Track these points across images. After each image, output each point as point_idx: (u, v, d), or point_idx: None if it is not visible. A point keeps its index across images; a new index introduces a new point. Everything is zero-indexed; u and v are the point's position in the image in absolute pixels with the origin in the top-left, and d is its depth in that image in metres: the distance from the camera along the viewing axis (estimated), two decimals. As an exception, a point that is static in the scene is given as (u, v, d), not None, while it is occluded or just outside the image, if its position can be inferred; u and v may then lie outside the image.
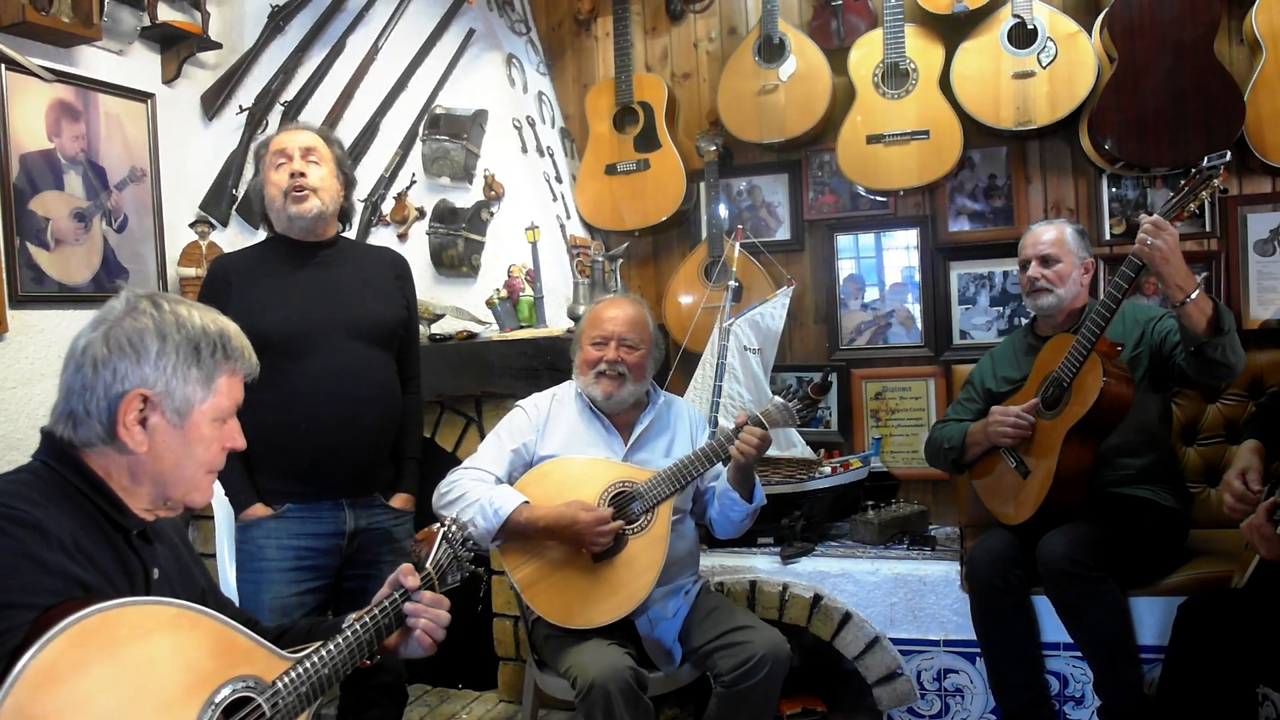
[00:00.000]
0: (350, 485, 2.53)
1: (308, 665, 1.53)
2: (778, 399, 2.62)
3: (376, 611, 1.69)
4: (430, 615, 1.74)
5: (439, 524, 1.91)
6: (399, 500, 2.66)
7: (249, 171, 3.91)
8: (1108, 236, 3.53)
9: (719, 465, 2.66)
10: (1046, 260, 2.89)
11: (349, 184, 2.67)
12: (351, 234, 3.78)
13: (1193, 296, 2.44)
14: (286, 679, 1.49)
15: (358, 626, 1.64)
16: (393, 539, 2.61)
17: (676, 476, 2.56)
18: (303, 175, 2.51)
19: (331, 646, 1.58)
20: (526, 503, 2.51)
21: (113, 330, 1.48)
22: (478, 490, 2.56)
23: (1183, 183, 2.51)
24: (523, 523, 2.49)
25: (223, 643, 1.42)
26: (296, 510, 2.49)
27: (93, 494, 1.45)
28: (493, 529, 2.48)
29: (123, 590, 1.42)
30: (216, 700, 1.37)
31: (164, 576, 1.55)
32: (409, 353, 2.72)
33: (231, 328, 1.59)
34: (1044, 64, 3.36)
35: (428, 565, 1.83)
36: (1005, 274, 3.66)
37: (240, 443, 1.62)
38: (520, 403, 2.81)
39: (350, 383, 2.50)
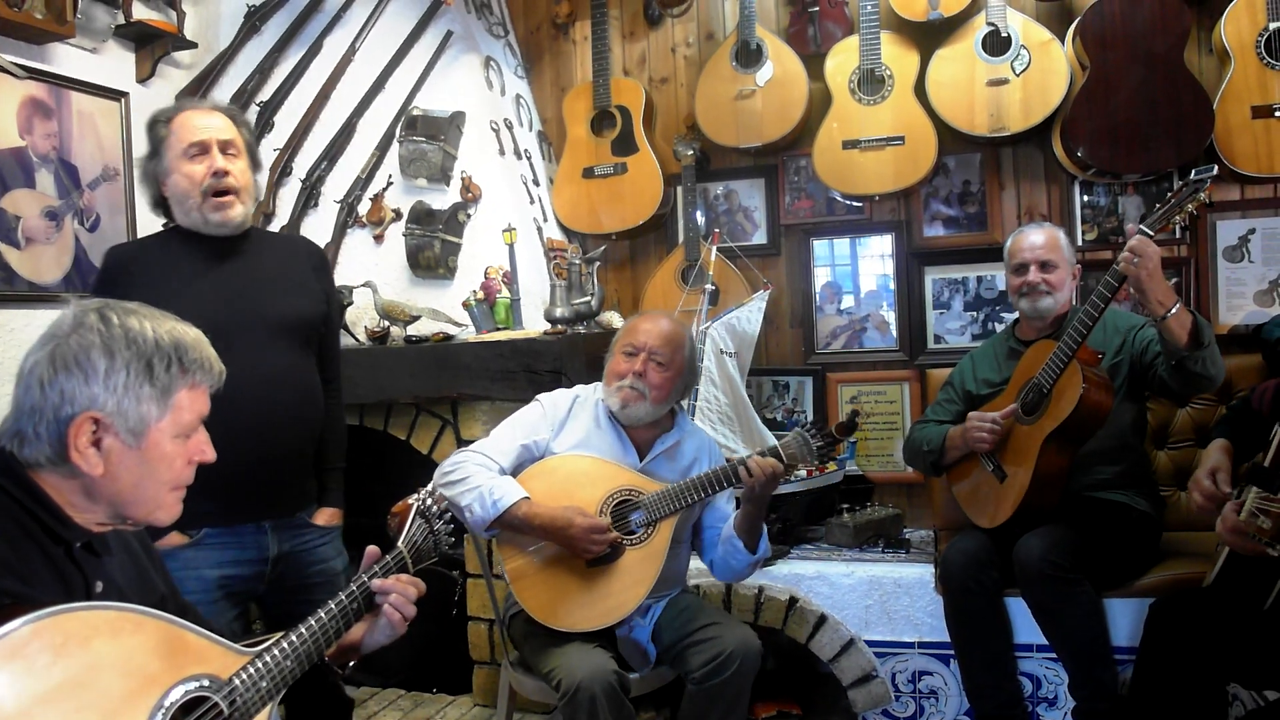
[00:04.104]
0: (271, 502, 2.31)
1: (268, 659, 1.47)
2: (799, 430, 2.55)
3: (343, 596, 1.62)
4: (400, 589, 1.68)
5: (413, 496, 1.83)
6: (324, 515, 2.43)
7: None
8: (1080, 243, 3.57)
9: (727, 508, 2.65)
10: (1045, 265, 2.89)
11: (257, 168, 2.42)
12: (313, 229, 3.74)
13: (1173, 311, 2.47)
14: (244, 675, 1.43)
15: (322, 614, 1.58)
16: (320, 560, 2.38)
17: (685, 494, 2.51)
18: (226, 174, 2.25)
19: (294, 637, 1.52)
20: (527, 498, 2.46)
21: (59, 348, 1.39)
22: (480, 477, 2.50)
23: (1169, 195, 2.54)
24: (519, 518, 2.44)
25: (171, 643, 1.35)
26: (215, 536, 2.24)
27: (31, 505, 1.38)
28: (488, 519, 2.44)
29: (59, 603, 1.33)
30: (166, 703, 1.30)
31: (110, 588, 1.47)
32: (329, 352, 2.50)
33: (188, 337, 1.50)
34: (1017, 71, 3.40)
35: (400, 544, 1.74)
36: (979, 279, 3.69)
37: (210, 454, 1.54)
38: (540, 396, 2.75)
39: (270, 385, 2.26)
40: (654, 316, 2.72)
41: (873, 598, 3.08)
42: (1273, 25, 3.20)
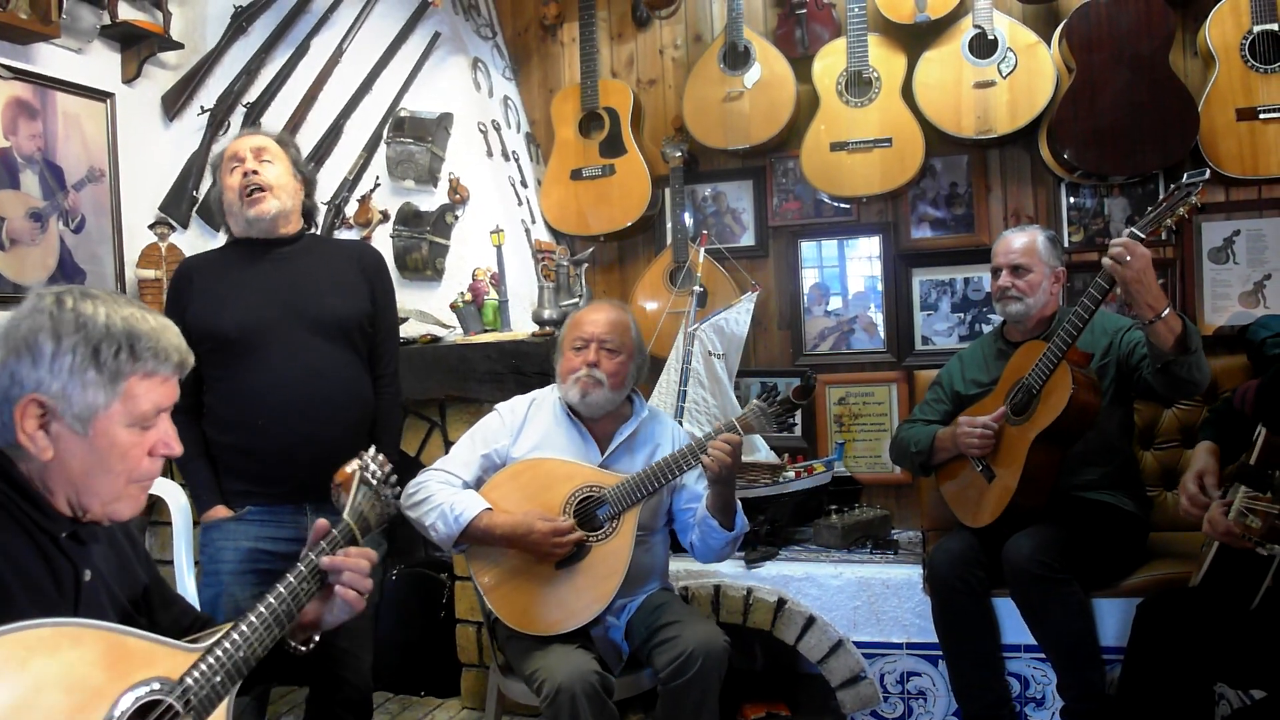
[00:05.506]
0: (310, 486, 2.43)
1: (219, 653, 1.44)
2: (755, 402, 2.56)
3: (291, 578, 1.58)
4: (350, 566, 1.64)
5: (353, 463, 1.80)
6: None
7: (210, 173, 3.86)
8: (1066, 244, 3.58)
9: (698, 487, 2.63)
10: (1017, 270, 2.90)
11: (308, 183, 2.65)
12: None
13: (1163, 315, 2.44)
14: (196, 672, 1.41)
15: (271, 599, 1.54)
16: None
17: (645, 482, 2.51)
18: (255, 173, 2.49)
19: (244, 627, 1.49)
20: (488, 509, 2.49)
21: (11, 330, 1.40)
22: (442, 494, 2.52)
23: (1161, 198, 2.53)
24: (482, 529, 2.47)
25: (114, 651, 1.32)
26: (257, 513, 2.45)
27: (15, 495, 1.38)
28: (453, 534, 2.46)
29: (49, 593, 1.36)
30: (116, 714, 1.29)
31: (97, 578, 1.47)
32: (380, 349, 2.64)
33: (145, 324, 1.46)
34: (1004, 74, 3.41)
35: (345, 515, 1.71)
36: (966, 280, 3.71)
37: (175, 448, 1.50)
38: (498, 406, 2.76)
39: (308, 380, 2.44)
40: (595, 307, 2.73)
41: (861, 599, 3.08)
42: (1257, 28, 3.22)
